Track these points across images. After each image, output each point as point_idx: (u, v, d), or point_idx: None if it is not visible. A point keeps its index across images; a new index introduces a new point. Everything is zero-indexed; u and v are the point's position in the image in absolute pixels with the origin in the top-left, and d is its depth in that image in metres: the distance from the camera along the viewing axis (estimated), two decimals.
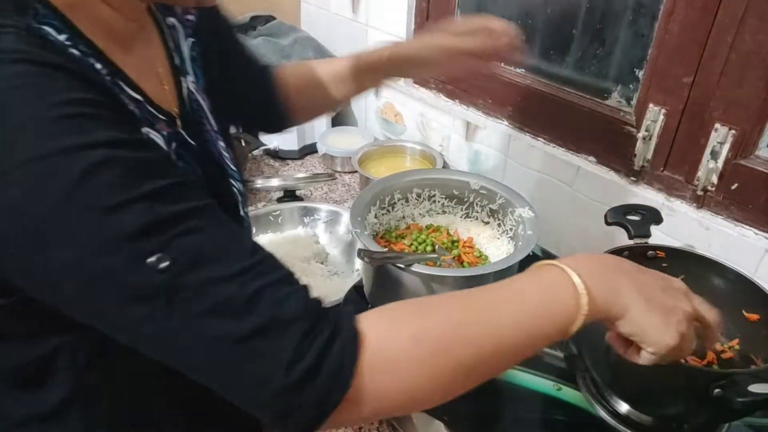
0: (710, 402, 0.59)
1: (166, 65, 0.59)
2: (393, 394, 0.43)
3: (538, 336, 0.48)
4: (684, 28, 0.84)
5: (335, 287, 1.01)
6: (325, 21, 1.61)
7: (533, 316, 0.47)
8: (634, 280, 0.51)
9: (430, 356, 0.43)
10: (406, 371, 0.43)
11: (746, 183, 0.83)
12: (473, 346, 0.45)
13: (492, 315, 0.47)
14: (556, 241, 1.08)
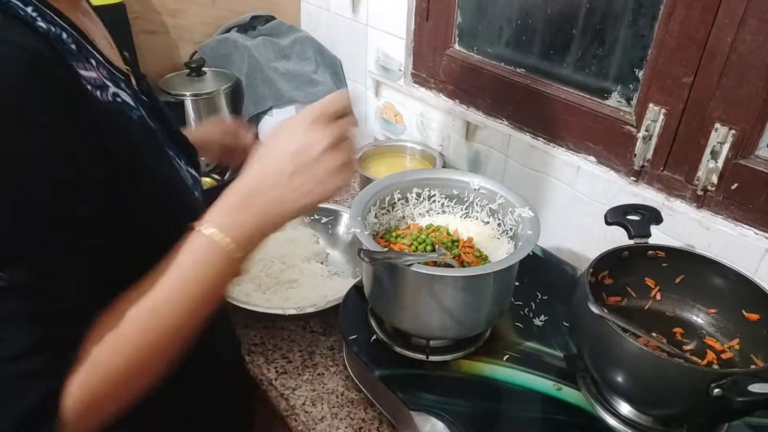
0: (710, 402, 0.59)
1: (106, 30, 0.62)
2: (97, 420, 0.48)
3: (211, 300, 0.52)
4: (684, 29, 0.84)
5: (335, 287, 1.01)
6: (325, 21, 1.61)
7: (201, 297, 0.51)
8: (273, 183, 0.52)
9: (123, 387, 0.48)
10: (105, 405, 0.48)
11: (746, 183, 0.83)
12: (158, 354, 0.50)
13: (162, 315, 0.50)
14: (556, 241, 1.08)
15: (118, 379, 0.48)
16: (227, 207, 0.53)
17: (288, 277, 1.04)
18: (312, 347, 0.91)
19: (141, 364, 0.49)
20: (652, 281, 0.82)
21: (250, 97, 1.45)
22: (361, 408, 0.81)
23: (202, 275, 0.51)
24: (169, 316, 0.50)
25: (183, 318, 0.51)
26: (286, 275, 1.04)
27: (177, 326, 0.50)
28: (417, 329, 0.79)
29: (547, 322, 0.87)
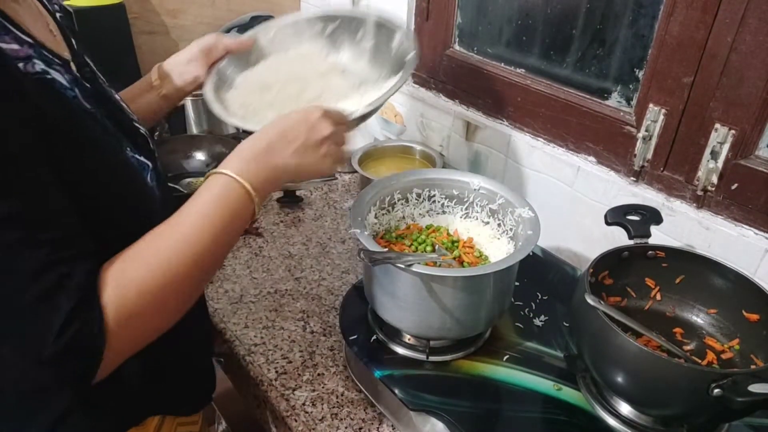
0: (710, 402, 0.59)
1: (53, 23, 0.66)
2: (138, 334, 0.54)
3: (233, 234, 0.61)
4: (684, 29, 0.84)
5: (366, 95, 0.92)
6: None
7: (224, 227, 0.59)
8: (285, 151, 0.65)
9: (156, 302, 0.54)
10: (142, 318, 0.53)
11: (746, 183, 0.83)
12: (184, 274, 0.55)
13: (188, 237, 0.56)
14: (556, 241, 1.08)
15: (151, 293, 0.53)
16: (245, 156, 0.63)
17: (308, 96, 0.94)
18: (312, 347, 0.91)
19: (171, 283, 0.54)
20: (652, 281, 0.82)
21: None
22: (361, 408, 0.81)
23: (222, 211, 0.59)
24: (192, 245, 0.56)
25: (204, 247, 0.57)
26: (306, 94, 0.94)
27: (200, 254, 0.56)
28: (417, 329, 0.79)
29: (547, 322, 0.87)
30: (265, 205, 1.28)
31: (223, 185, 0.60)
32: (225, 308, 0.99)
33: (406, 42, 0.92)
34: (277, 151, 0.64)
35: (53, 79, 0.55)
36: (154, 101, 0.90)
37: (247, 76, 0.95)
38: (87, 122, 0.59)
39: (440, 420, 0.71)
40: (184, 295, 0.58)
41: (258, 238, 1.17)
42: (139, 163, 0.66)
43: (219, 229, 0.58)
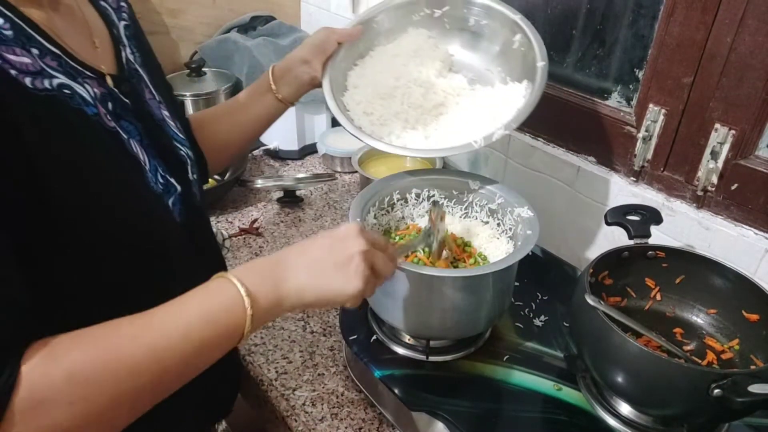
0: (710, 402, 0.59)
1: (105, 34, 0.64)
2: (46, 428, 0.42)
3: (208, 347, 0.50)
4: (684, 29, 0.84)
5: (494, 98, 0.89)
6: (325, 21, 1.61)
7: (198, 331, 0.48)
8: (297, 264, 0.55)
9: (84, 395, 0.42)
10: (58, 411, 0.42)
11: (746, 183, 0.83)
12: (134, 377, 0.45)
13: (154, 339, 0.47)
14: (556, 241, 1.08)
15: (83, 384, 0.43)
16: (251, 266, 0.55)
17: (433, 100, 0.90)
18: (312, 347, 0.91)
19: (115, 376, 0.45)
20: (652, 281, 0.82)
21: None
22: (361, 408, 0.81)
23: (205, 314, 0.50)
24: (156, 341, 0.47)
25: (172, 354, 0.47)
26: (430, 99, 0.90)
27: (162, 357, 0.47)
28: (417, 329, 0.79)
29: (547, 322, 0.87)
30: (265, 205, 1.28)
31: (217, 287, 0.52)
32: None
33: (533, 41, 0.86)
34: (288, 266, 0.55)
35: (72, 94, 0.53)
36: (272, 105, 0.88)
37: (362, 74, 0.93)
38: (104, 141, 0.56)
39: (440, 420, 0.71)
40: (125, 403, 0.46)
41: (258, 238, 1.17)
42: (167, 185, 0.63)
43: (192, 332, 0.48)
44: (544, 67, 0.84)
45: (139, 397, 0.47)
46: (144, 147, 0.61)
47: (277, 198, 1.28)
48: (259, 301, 0.52)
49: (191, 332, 0.48)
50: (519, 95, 0.86)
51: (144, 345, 0.46)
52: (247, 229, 1.18)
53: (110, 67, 0.61)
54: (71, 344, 0.44)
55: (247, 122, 0.89)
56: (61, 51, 0.53)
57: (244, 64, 1.46)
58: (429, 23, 0.96)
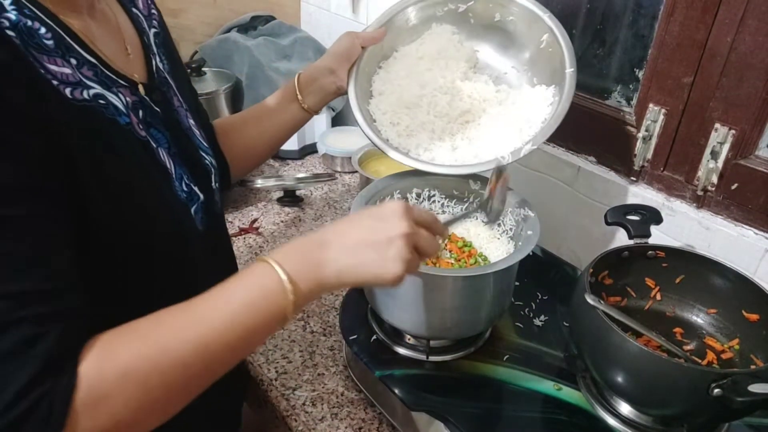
0: (710, 402, 0.59)
1: (137, 42, 0.64)
2: (103, 427, 0.43)
3: (253, 333, 0.50)
4: (684, 29, 0.84)
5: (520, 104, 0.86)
6: (325, 21, 1.61)
7: (242, 319, 0.49)
8: (337, 246, 0.54)
9: (140, 389, 0.45)
10: (118, 406, 0.44)
11: (746, 183, 0.83)
12: (183, 369, 0.46)
13: (201, 330, 0.48)
14: (556, 241, 1.08)
15: (135, 380, 0.45)
16: (291, 248, 0.54)
17: (459, 108, 0.88)
18: (312, 347, 0.91)
19: (163, 373, 0.46)
20: (652, 281, 0.82)
21: (251, 98, 1.45)
22: (361, 408, 0.81)
23: (249, 301, 0.50)
24: (203, 333, 0.48)
25: (218, 343, 0.48)
26: (456, 106, 0.88)
27: (209, 347, 0.48)
28: (417, 329, 0.79)
29: (547, 322, 0.87)
30: (266, 204, 1.28)
31: (260, 273, 0.52)
32: None
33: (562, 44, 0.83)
34: (329, 248, 0.54)
35: (107, 104, 0.53)
36: (297, 113, 0.88)
37: (387, 79, 0.91)
38: (136, 149, 0.56)
39: (440, 420, 0.71)
40: (178, 391, 0.48)
41: (258, 238, 1.17)
42: (190, 194, 0.64)
43: (236, 320, 0.49)
44: (573, 74, 0.82)
45: (189, 386, 0.49)
46: (171, 156, 0.62)
47: (277, 198, 1.28)
48: (300, 286, 0.51)
49: (236, 321, 0.49)
50: (546, 102, 0.85)
51: (191, 339, 0.47)
52: (247, 229, 1.18)
53: (141, 75, 0.62)
54: (121, 343, 0.46)
55: (273, 129, 0.89)
56: (97, 60, 0.54)
57: (244, 64, 1.46)
58: (454, 19, 0.94)
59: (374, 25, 0.91)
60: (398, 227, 0.54)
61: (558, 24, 0.85)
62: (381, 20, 0.92)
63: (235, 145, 0.87)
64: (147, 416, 0.47)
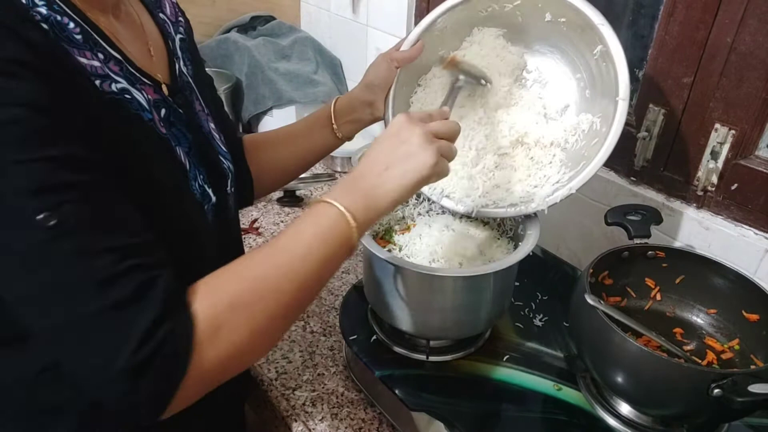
0: (710, 402, 0.59)
1: (161, 44, 0.65)
2: (225, 353, 0.48)
3: (330, 261, 0.56)
4: (684, 29, 0.84)
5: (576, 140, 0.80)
6: (325, 21, 1.61)
7: (317, 248, 0.55)
8: (374, 173, 0.59)
9: (248, 317, 0.50)
10: (233, 334, 0.49)
11: (746, 183, 0.83)
12: (281, 295, 0.52)
13: (287, 259, 0.53)
14: (556, 241, 1.08)
15: (245, 307, 0.49)
16: (338, 187, 0.59)
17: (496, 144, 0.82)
18: (312, 347, 0.91)
19: (265, 299, 0.51)
20: (652, 281, 0.82)
21: (250, 98, 1.45)
22: (361, 408, 0.81)
23: (322, 234, 0.55)
24: (288, 262, 0.53)
25: (305, 269, 0.54)
26: (493, 141, 0.82)
27: (295, 273, 0.53)
28: (417, 329, 0.79)
29: (547, 322, 0.87)
30: (266, 205, 1.28)
31: (321, 211, 0.56)
32: None
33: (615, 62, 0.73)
34: (369, 175, 0.59)
35: (131, 99, 0.55)
36: (330, 139, 0.87)
37: (424, 100, 0.87)
38: (156, 145, 0.58)
39: (440, 420, 0.71)
40: (279, 317, 0.53)
41: (258, 238, 1.17)
42: (203, 194, 0.65)
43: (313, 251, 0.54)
44: (625, 107, 0.72)
45: (287, 312, 0.54)
46: (189, 156, 0.63)
47: (277, 198, 1.28)
48: (358, 214, 0.57)
49: (312, 250, 0.54)
50: (588, 137, 0.77)
51: (281, 265, 0.53)
52: (247, 229, 1.18)
53: (164, 77, 0.63)
54: (222, 281, 0.51)
55: (304, 152, 0.89)
56: (122, 57, 0.55)
57: (244, 64, 1.46)
58: (498, 20, 0.85)
59: (411, 38, 0.85)
60: (412, 132, 0.60)
61: (613, 36, 0.73)
62: (417, 31, 0.84)
63: (263, 162, 0.87)
64: (258, 341, 0.52)
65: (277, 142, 0.89)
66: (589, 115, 0.80)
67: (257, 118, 1.47)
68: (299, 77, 1.49)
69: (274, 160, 0.88)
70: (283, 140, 0.89)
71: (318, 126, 0.87)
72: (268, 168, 0.88)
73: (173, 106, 0.62)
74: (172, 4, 0.72)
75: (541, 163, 0.82)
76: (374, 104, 0.85)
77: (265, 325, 0.51)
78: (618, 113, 0.73)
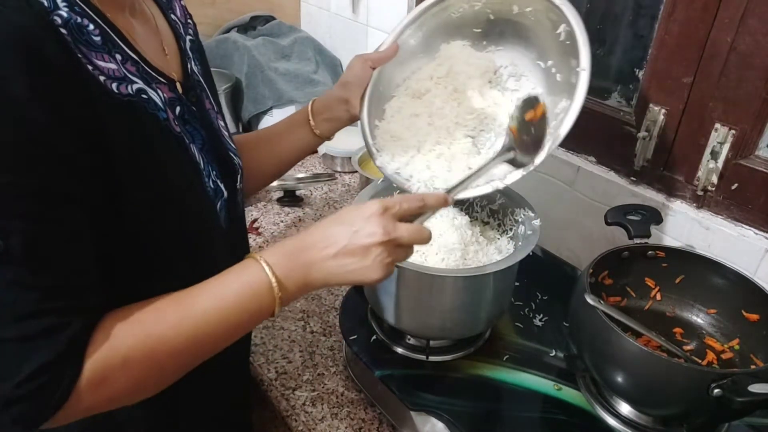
0: (710, 402, 0.59)
1: (174, 44, 0.66)
2: (104, 400, 0.50)
3: (241, 327, 0.56)
4: (684, 29, 0.84)
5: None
6: (325, 21, 1.61)
7: (233, 315, 0.54)
8: (320, 251, 0.57)
9: (138, 374, 0.51)
10: (117, 387, 0.50)
11: (746, 183, 0.83)
12: (176, 357, 0.53)
13: (195, 324, 0.53)
14: (556, 241, 1.08)
15: (137, 365, 0.50)
16: (281, 250, 0.57)
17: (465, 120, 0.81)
18: (312, 347, 0.91)
19: (159, 360, 0.52)
20: (652, 281, 0.82)
21: (250, 98, 1.45)
22: (361, 408, 0.81)
23: (240, 300, 0.55)
24: (197, 327, 0.53)
25: (209, 335, 0.54)
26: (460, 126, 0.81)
27: (200, 339, 0.53)
28: (417, 329, 0.79)
29: (547, 322, 0.87)
30: (265, 205, 1.28)
31: (251, 273, 0.56)
32: None
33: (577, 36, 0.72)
34: (315, 251, 0.57)
35: (148, 99, 0.55)
36: (309, 138, 0.88)
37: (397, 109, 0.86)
38: (171, 144, 0.59)
39: (440, 420, 0.71)
40: (170, 374, 0.54)
41: (258, 238, 1.17)
42: (216, 190, 0.66)
43: (228, 315, 0.54)
44: (585, 77, 0.71)
45: (181, 368, 0.55)
46: (203, 152, 0.64)
47: (277, 198, 1.28)
48: (288, 286, 0.56)
49: (227, 317, 0.54)
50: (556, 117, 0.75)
51: (185, 333, 0.52)
52: (247, 229, 1.18)
53: (178, 75, 0.64)
54: (125, 332, 0.51)
55: (283, 153, 0.90)
56: (138, 56, 0.56)
57: (244, 64, 1.46)
58: (470, 20, 0.86)
59: (387, 41, 0.87)
60: (374, 236, 0.56)
61: (574, 13, 0.73)
62: (393, 35, 0.86)
63: (247, 164, 0.87)
64: (142, 391, 0.54)
65: (257, 143, 0.90)
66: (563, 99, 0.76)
67: (257, 118, 1.47)
68: (299, 77, 1.49)
69: (256, 161, 0.88)
70: (261, 142, 0.90)
71: (296, 125, 0.88)
72: (250, 168, 0.87)
73: (187, 104, 0.62)
74: (181, 7, 0.73)
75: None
76: (349, 101, 0.85)
77: (154, 379, 0.53)
78: (580, 84, 0.71)
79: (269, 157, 0.90)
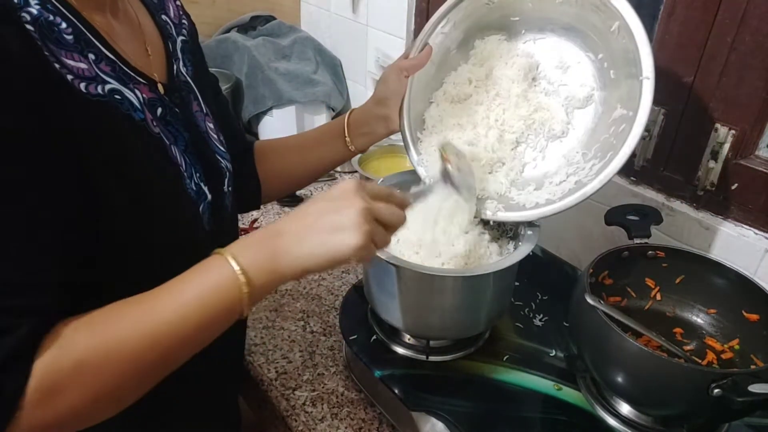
0: (710, 402, 0.59)
1: (159, 45, 0.65)
2: (59, 415, 0.45)
3: (207, 327, 0.51)
4: (684, 29, 0.84)
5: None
6: (325, 21, 1.61)
7: (194, 313, 0.50)
8: (292, 234, 0.53)
9: (92, 380, 0.46)
10: (70, 395, 0.45)
11: (746, 183, 0.83)
12: (136, 362, 0.48)
13: (156, 324, 0.49)
14: (556, 241, 1.08)
15: (90, 369, 0.46)
16: (248, 240, 0.54)
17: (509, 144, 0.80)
18: (312, 347, 0.91)
19: (115, 365, 0.47)
20: (652, 281, 0.82)
21: (250, 98, 1.45)
22: (361, 408, 0.81)
23: (201, 295, 0.50)
24: (157, 327, 0.49)
25: (171, 337, 0.49)
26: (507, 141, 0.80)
27: (161, 340, 0.49)
28: (417, 329, 0.79)
29: (547, 322, 0.87)
30: (265, 205, 1.27)
31: (213, 266, 0.52)
32: None
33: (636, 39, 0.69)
34: (285, 236, 0.53)
35: (122, 100, 0.54)
36: (342, 151, 0.86)
37: (437, 117, 0.83)
38: (149, 145, 0.57)
39: (440, 420, 0.71)
40: (132, 384, 0.49)
41: None
42: (199, 192, 0.64)
43: (191, 314, 0.50)
44: (650, 86, 0.67)
45: (142, 377, 0.50)
46: (186, 154, 0.63)
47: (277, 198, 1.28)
48: (255, 278, 0.51)
49: (189, 315, 0.49)
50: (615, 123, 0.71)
51: (145, 332, 0.48)
52: (247, 229, 1.18)
53: (161, 76, 0.63)
54: (78, 334, 0.47)
55: (315, 162, 0.88)
56: (116, 56, 0.55)
57: (244, 64, 1.46)
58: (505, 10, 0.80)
59: (417, 44, 0.82)
60: (353, 204, 0.53)
61: (629, 9, 0.70)
62: (423, 36, 0.82)
63: (273, 169, 0.87)
64: (101, 405, 0.48)
65: (288, 150, 0.89)
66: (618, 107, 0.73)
67: (257, 117, 1.47)
68: (299, 77, 1.49)
69: (283, 167, 0.88)
70: (293, 148, 0.89)
71: (330, 137, 0.86)
72: (276, 175, 0.88)
73: (170, 105, 0.62)
74: (176, 7, 0.72)
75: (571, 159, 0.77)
76: (389, 117, 0.82)
77: (113, 389, 0.48)
78: (644, 95, 0.67)
79: (299, 163, 0.88)
